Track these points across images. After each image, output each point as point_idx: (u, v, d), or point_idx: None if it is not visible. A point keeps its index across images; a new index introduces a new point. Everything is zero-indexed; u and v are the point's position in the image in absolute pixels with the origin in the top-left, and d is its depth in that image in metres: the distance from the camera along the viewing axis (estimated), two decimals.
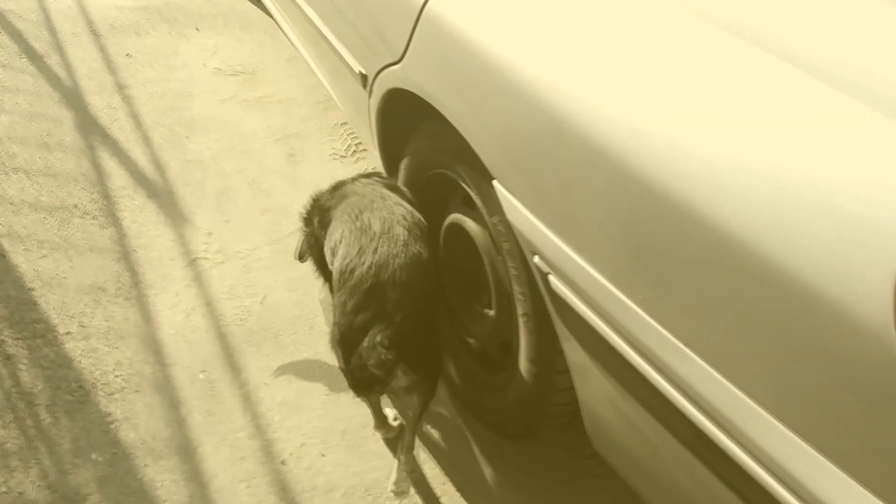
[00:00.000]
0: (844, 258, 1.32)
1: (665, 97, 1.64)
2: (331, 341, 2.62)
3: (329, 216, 2.74)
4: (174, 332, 3.17)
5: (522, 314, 2.35)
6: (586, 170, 1.73)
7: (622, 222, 1.67)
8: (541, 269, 2.00)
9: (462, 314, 2.88)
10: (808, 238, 1.35)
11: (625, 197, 1.64)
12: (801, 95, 1.50)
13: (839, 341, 1.33)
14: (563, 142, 1.78)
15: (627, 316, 1.70)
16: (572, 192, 1.80)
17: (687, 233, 1.51)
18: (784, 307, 1.39)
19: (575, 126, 1.74)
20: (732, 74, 1.60)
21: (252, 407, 2.92)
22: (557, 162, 1.82)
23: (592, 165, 1.70)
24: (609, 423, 2.09)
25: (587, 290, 1.82)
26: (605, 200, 1.70)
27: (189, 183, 3.93)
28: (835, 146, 1.42)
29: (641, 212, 1.61)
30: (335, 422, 2.89)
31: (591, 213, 1.76)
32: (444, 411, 2.95)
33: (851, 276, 1.30)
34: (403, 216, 2.54)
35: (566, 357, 2.14)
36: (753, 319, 1.45)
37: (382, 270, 2.37)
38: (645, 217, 1.60)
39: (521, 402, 2.54)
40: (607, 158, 1.66)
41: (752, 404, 1.47)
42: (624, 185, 1.63)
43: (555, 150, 1.82)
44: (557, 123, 1.78)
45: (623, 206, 1.65)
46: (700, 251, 1.50)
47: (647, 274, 1.64)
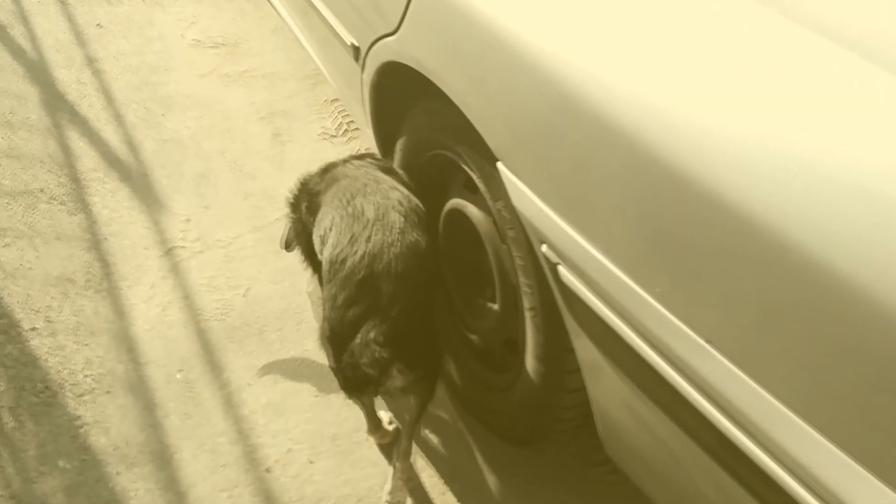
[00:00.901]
0: (882, 246, 1.31)
1: (686, 71, 1.64)
2: (320, 338, 2.63)
3: (318, 201, 2.74)
4: (149, 328, 3.17)
5: (529, 308, 2.35)
6: (599, 150, 1.72)
7: (638, 208, 1.67)
8: (549, 258, 2.00)
9: (463, 308, 2.88)
10: (842, 225, 1.35)
11: (641, 180, 1.64)
12: (834, 69, 1.50)
13: (876, 337, 1.32)
14: (574, 120, 1.78)
15: (644, 310, 1.70)
16: (584, 175, 1.80)
17: (709, 219, 1.51)
18: (815, 300, 1.38)
19: (587, 102, 1.73)
20: (759, 46, 1.60)
21: (234, 409, 2.92)
22: (568, 142, 1.81)
23: (606, 146, 1.70)
24: (623, 426, 2.09)
25: (600, 282, 1.82)
26: (620, 184, 1.70)
27: (165, 165, 3.93)
28: (872, 125, 1.42)
29: (660, 196, 1.60)
30: (325, 426, 2.89)
31: (605, 198, 1.75)
32: (444, 414, 2.96)
33: (889, 265, 1.30)
34: (399, 201, 2.54)
35: (577, 355, 2.14)
36: (781, 314, 1.45)
37: (376, 260, 2.37)
38: (663, 202, 1.60)
39: (527, 405, 2.54)
40: (623, 138, 1.65)
41: (780, 406, 1.47)
42: (641, 167, 1.63)
43: (565, 129, 1.81)
44: (568, 100, 1.78)
45: (639, 190, 1.65)
46: (724, 239, 1.50)
47: (666, 264, 1.64)
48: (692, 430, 1.71)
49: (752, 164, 1.45)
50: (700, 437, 1.69)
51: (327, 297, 2.45)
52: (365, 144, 4.04)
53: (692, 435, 1.71)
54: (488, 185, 2.35)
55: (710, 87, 1.58)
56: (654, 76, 1.66)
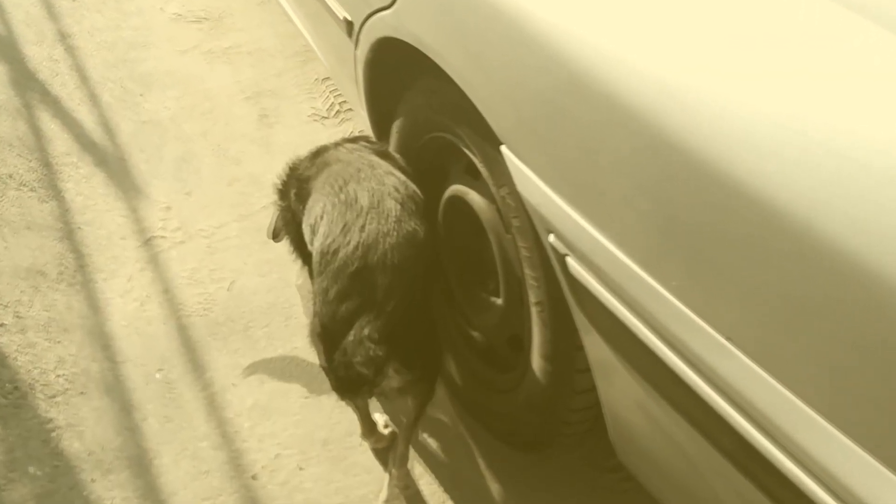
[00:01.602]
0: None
1: (705, 47, 1.63)
2: (310, 334, 2.63)
3: (308, 188, 2.74)
4: (126, 324, 3.17)
5: (536, 303, 2.35)
6: (611, 133, 1.72)
7: (653, 195, 1.67)
8: (557, 249, 2.00)
9: (465, 303, 2.88)
10: (873, 214, 1.34)
11: (656, 165, 1.64)
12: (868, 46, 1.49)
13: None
14: (583, 100, 1.77)
15: (659, 305, 1.70)
16: (594, 160, 1.80)
17: (730, 207, 1.51)
18: (843, 295, 1.38)
19: (598, 81, 1.73)
20: (785, 20, 1.60)
21: (218, 412, 2.93)
22: (577, 124, 1.81)
23: (618, 128, 1.70)
24: (637, 430, 2.09)
25: (612, 275, 1.82)
26: (633, 169, 1.69)
27: (144, 148, 3.93)
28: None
29: (676, 182, 1.60)
30: (315, 429, 2.90)
31: (617, 184, 1.75)
32: (444, 417, 2.96)
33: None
34: (395, 187, 2.54)
35: (587, 353, 2.15)
36: (807, 309, 1.44)
37: (371, 251, 2.37)
38: (680, 189, 1.60)
39: (533, 406, 2.55)
40: (636, 120, 1.65)
41: (804, 408, 1.47)
42: (655, 151, 1.63)
43: (573, 110, 1.81)
44: (577, 78, 1.78)
45: (654, 175, 1.65)
46: (745, 229, 1.50)
47: (683, 256, 1.64)
48: (710, 433, 1.71)
49: (777, 148, 1.45)
50: (718, 441, 1.69)
51: (318, 290, 2.45)
52: (358, 126, 4.04)
53: (710, 438, 1.71)
54: (491, 170, 2.35)
55: (732, 65, 1.58)
56: (669, 53, 1.66)
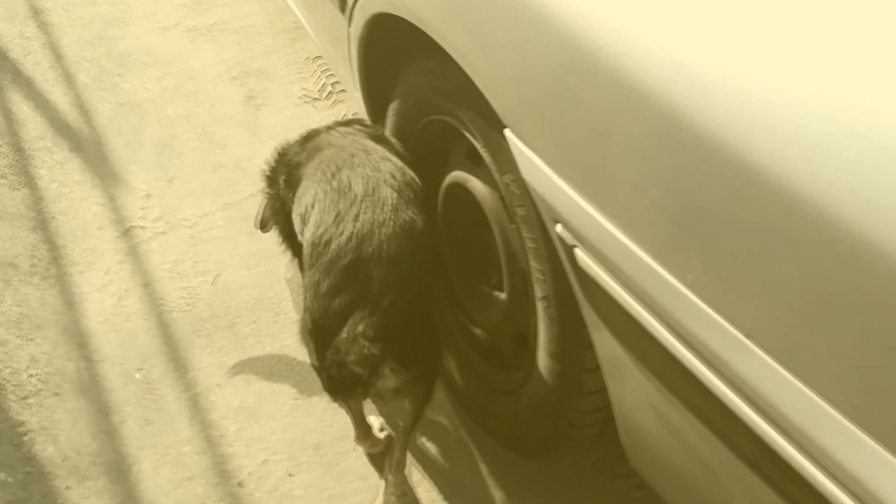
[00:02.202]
0: None
1: (722, 25, 1.63)
2: (301, 331, 2.63)
3: (298, 174, 2.74)
4: (103, 321, 3.18)
5: (542, 298, 2.35)
6: (622, 116, 1.72)
7: (667, 182, 1.67)
8: (565, 240, 2.00)
9: (466, 298, 2.88)
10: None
11: (671, 150, 1.63)
12: None
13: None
14: (593, 80, 1.77)
15: (673, 299, 1.70)
16: (604, 144, 1.80)
17: (749, 195, 1.51)
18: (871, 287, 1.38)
19: (608, 60, 1.73)
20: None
21: (201, 414, 2.93)
22: (586, 106, 1.81)
23: (630, 110, 1.70)
24: (650, 433, 2.10)
25: (623, 268, 1.82)
26: (646, 154, 1.69)
27: (122, 132, 3.93)
28: None
29: (692, 168, 1.60)
30: (306, 433, 2.90)
31: (629, 171, 1.75)
32: (444, 420, 2.96)
33: None
34: (392, 174, 2.54)
35: (596, 351, 2.15)
36: (832, 303, 1.44)
37: (366, 242, 2.37)
38: (696, 175, 1.60)
39: (539, 409, 2.55)
40: (649, 101, 1.65)
41: (830, 410, 1.47)
42: (670, 134, 1.62)
43: (583, 91, 1.81)
44: (586, 57, 1.78)
45: (668, 161, 1.65)
46: (766, 218, 1.49)
47: (699, 247, 1.64)
48: (728, 437, 1.71)
49: (799, 131, 1.45)
50: (737, 445, 1.69)
51: (309, 284, 2.45)
52: (352, 109, 4.04)
53: (728, 442, 1.72)
54: (494, 155, 2.35)
55: (750, 43, 1.58)
56: (684, 30, 1.65)
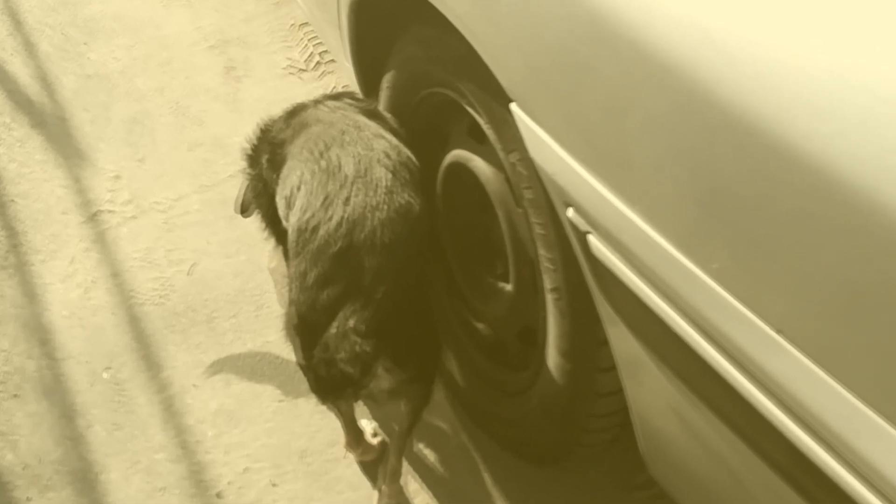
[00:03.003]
0: None
1: None
2: (286, 326, 2.63)
3: (283, 153, 2.74)
4: (68, 315, 3.18)
5: (552, 289, 2.35)
6: (641, 89, 1.72)
7: (691, 162, 1.67)
8: (577, 226, 2.00)
9: (468, 290, 2.89)
10: None
11: (695, 127, 1.63)
12: None
13: None
14: (609, 50, 1.77)
15: (697, 291, 1.70)
16: (621, 121, 1.80)
17: (781, 177, 1.51)
18: None
19: (626, 28, 1.73)
20: None
21: (176, 418, 2.93)
22: (601, 78, 1.81)
23: (650, 83, 1.70)
24: (671, 439, 2.10)
25: (642, 256, 1.82)
26: (668, 131, 1.69)
27: (89, 107, 3.92)
28: None
29: (718, 148, 1.60)
30: (291, 439, 2.90)
31: (648, 149, 1.75)
32: (443, 424, 2.97)
33: None
34: (386, 153, 2.54)
35: (612, 349, 2.15)
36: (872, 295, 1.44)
37: (357, 228, 2.37)
38: (722, 155, 1.60)
39: (549, 412, 2.56)
40: (671, 74, 1.65)
41: (869, 412, 1.48)
42: (694, 110, 1.62)
43: (597, 62, 1.81)
44: (602, 24, 1.78)
45: (692, 139, 1.65)
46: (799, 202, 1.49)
47: (725, 233, 1.64)
48: (757, 443, 1.71)
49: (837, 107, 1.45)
50: (767, 452, 1.69)
51: (295, 274, 2.45)
52: (342, 81, 4.04)
53: (757, 449, 1.72)
54: (499, 132, 2.35)
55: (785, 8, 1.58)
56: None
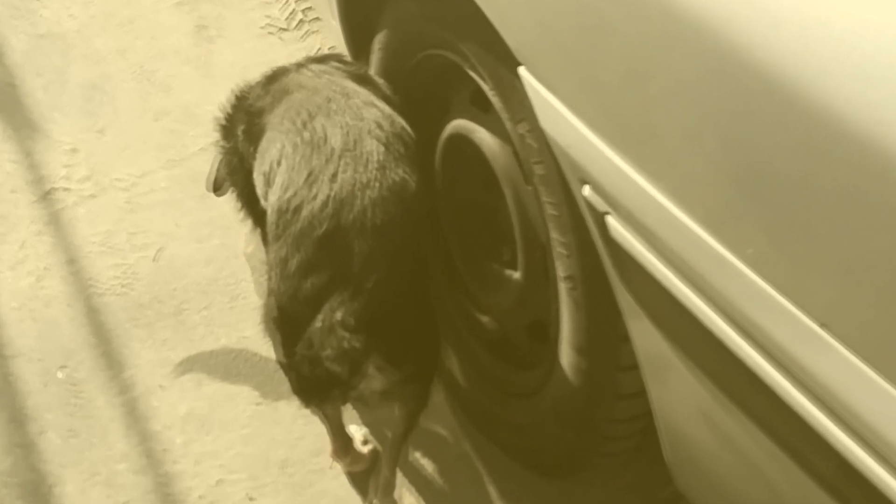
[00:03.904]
0: None
1: None
2: (264, 320, 2.63)
3: (261, 123, 2.74)
4: (17, 306, 3.18)
5: (565, 277, 2.35)
6: (667, 51, 1.72)
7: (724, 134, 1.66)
8: (595, 206, 2.00)
9: (472, 278, 2.88)
10: None
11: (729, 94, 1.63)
12: None
13: None
14: (629, 7, 1.77)
15: (730, 280, 1.70)
16: (644, 86, 1.79)
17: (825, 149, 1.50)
18: None
19: None
20: None
21: (140, 423, 2.93)
22: (621, 38, 1.81)
23: (677, 44, 1.69)
24: (700, 448, 2.10)
25: (667, 241, 1.81)
26: (698, 99, 1.69)
27: (42, 71, 3.92)
28: None
29: (755, 117, 1.59)
30: (271, 447, 2.90)
31: (676, 119, 1.75)
32: (443, 430, 2.96)
33: None
34: (378, 123, 2.53)
35: (634, 345, 2.15)
36: None
37: (345, 208, 2.36)
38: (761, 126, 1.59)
39: (563, 417, 2.56)
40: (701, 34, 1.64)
41: None
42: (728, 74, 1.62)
43: (619, 20, 1.80)
44: None
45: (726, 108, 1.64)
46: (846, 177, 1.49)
47: (763, 214, 1.63)
48: (799, 453, 1.71)
49: (888, 71, 1.45)
50: (810, 463, 1.69)
51: (275, 261, 2.45)
52: (328, 42, 4.03)
53: (799, 459, 1.72)
54: (506, 100, 2.35)
55: None
56: None
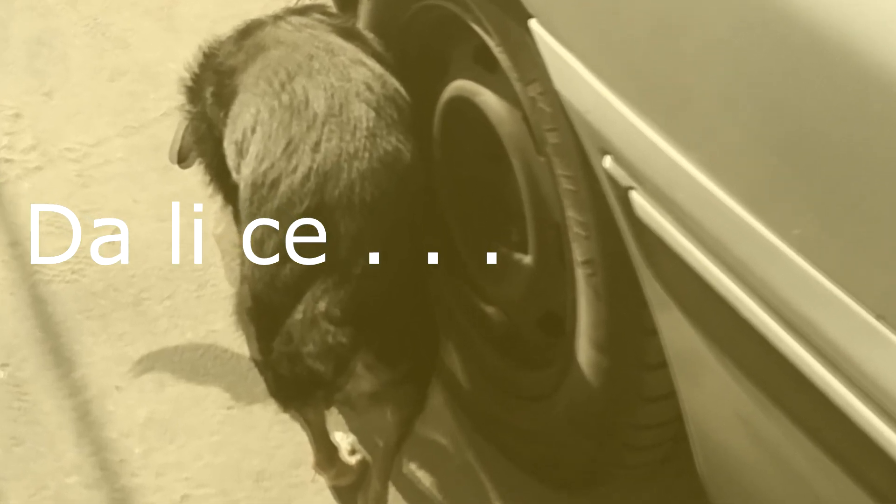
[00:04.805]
0: None
1: None
2: (236, 311, 2.62)
3: (233, 85, 2.74)
4: None
5: (583, 262, 2.35)
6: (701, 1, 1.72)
7: (768, 98, 1.66)
8: (617, 179, 2.00)
9: (475, 264, 2.88)
10: None
11: (772, 50, 1.63)
12: None
13: None
14: None
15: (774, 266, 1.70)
16: (675, 41, 1.79)
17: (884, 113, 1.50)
18: None
19: None
20: None
21: (93, 430, 2.93)
22: None
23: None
24: (738, 458, 2.10)
25: (701, 219, 1.81)
26: (736, 56, 1.69)
27: None
28: None
29: (804, 78, 1.59)
30: (244, 457, 2.90)
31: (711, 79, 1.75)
32: (442, 438, 2.97)
33: None
34: (367, 85, 2.53)
35: (662, 340, 2.15)
36: None
37: (330, 183, 2.36)
38: (809, 86, 1.59)
39: (580, 423, 2.56)
40: None
41: None
42: (773, 30, 1.62)
43: None
44: None
45: (769, 66, 1.64)
46: None
47: (812, 190, 1.63)
48: (853, 465, 1.71)
49: None
50: (866, 476, 1.69)
51: (249, 243, 2.45)
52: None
53: (853, 472, 1.72)
54: (515, 57, 2.35)
55: None
56: None
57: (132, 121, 3.64)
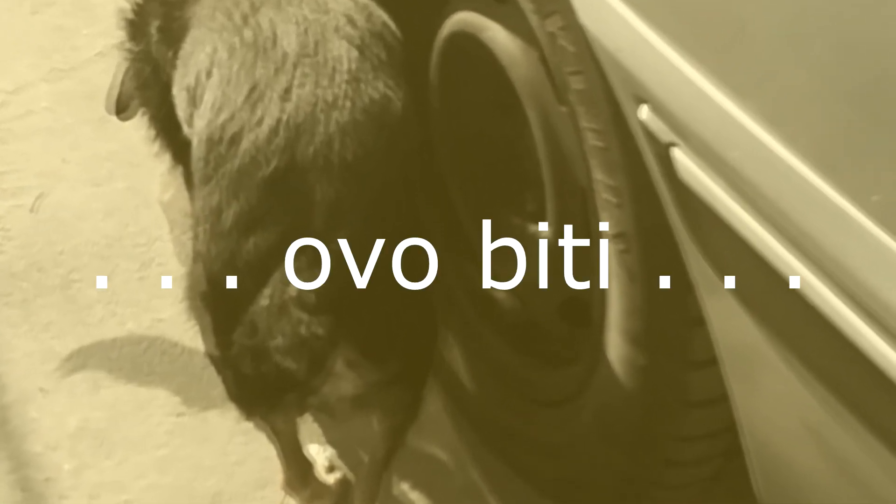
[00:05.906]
0: None
1: None
2: (188, 296, 2.62)
3: (184, 18, 2.73)
4: None
5: (615, 236, 2.35)
6: None
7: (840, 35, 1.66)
8: (657, 134, 1.99)
9: (482, 237, 2.88)
10: None
11: None
12: None
13: None
14: None
15: (849, 240, 1.70)
16: None
17: None
18: None
19: None
20: None
21: (14, 442, 2.94)
22: None
23: None
24: (804, 475, 2.11)
25: (760, 185, 1.81)
26: None
27: None
28: None
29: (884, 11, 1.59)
30: (197, 475, 2.91)
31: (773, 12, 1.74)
32: (441, 452, 2.97)
33: None
34: (349, 18, 2.52)
35: (711, 332, 2.15)
36: None
37: (303, 138, 2.36)
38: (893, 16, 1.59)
39: (611, 433, 2.56)
40: None
41: None
42: None
43: None
44: None
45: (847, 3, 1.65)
46: None
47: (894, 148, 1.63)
48: None
49: None
50: None
51: (203, 212, 2.44)
52: None
53: None
54: None
55: None
56: None
57: (60, 62, 3.64)
